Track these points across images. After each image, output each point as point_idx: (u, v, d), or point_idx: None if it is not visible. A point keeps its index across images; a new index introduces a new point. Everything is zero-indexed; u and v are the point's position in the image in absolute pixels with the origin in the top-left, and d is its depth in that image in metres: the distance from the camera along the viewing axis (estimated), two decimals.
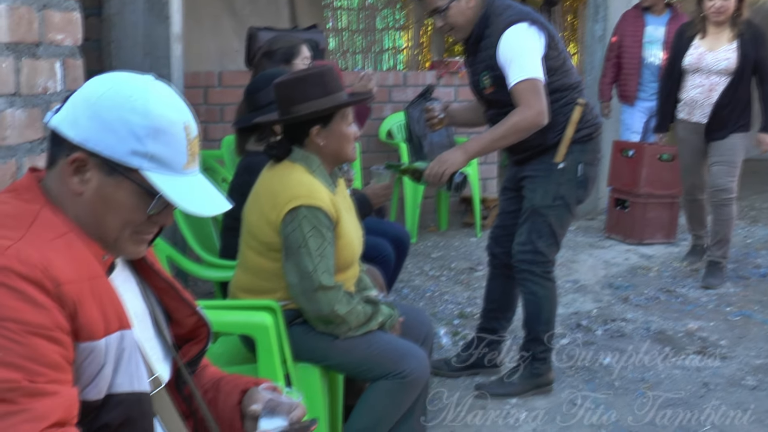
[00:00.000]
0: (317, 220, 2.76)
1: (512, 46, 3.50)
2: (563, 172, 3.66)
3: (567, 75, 3.65)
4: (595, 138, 3.72)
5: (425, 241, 6.52)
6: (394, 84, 6.98)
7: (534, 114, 3.47)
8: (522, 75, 3.47)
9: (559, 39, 3.69)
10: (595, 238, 6.70)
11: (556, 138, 3.63)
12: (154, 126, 1.53)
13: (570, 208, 3.71)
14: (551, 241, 3.72)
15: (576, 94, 3.67)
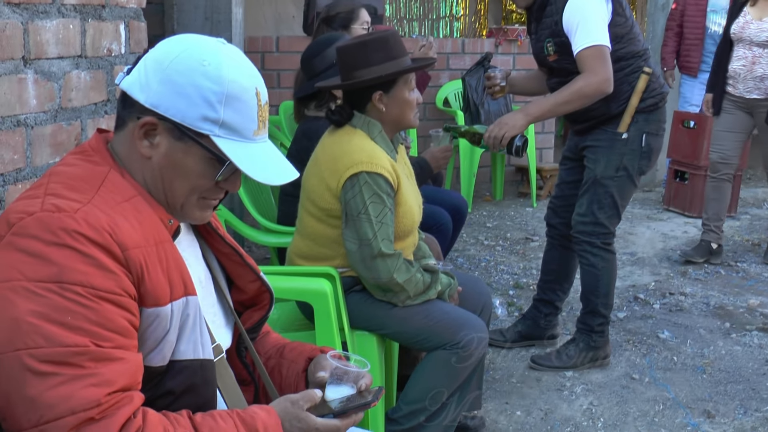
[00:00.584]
0: (378, 187, 2.73)
1: (577, 12, 3.43)
2: (627, 143, 3.59)
3: (633, 42, 3.56)
4: (660, 107, 3.64)
5: (480, 210, 6.48)
6: (451, 51, 6.91)
7: (599, 80, 3.40)
8: (588, 41, 3.40)
9: (626, 4, 3.59)
10: (653, 210, 6.60)
11: (620, 107, 3.56)
12: (227, 92, 1.51)
13: (633, 179, 3.64)
14: (612, 213, 3.66)
15: (642, 62, 3.57)
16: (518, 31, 7.16)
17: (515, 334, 4.05)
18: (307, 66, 3.60)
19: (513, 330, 4.08)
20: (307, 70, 3.60)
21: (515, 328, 4.07)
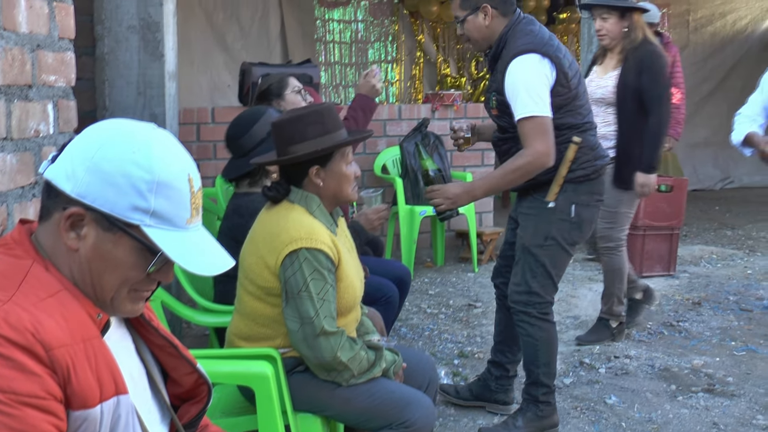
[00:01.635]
0: (319, 263, 2.67)
1: (519, 78, 3.42)
2: (554, 212, 3.56)
3: (572, 115, 3.53)
4: (593, 179, 3.61)
5: (422, 277, 6.43)
6: (388, 118, 6.93)
7: (539, 155, 3.39)
8: (528, 111, 3.39)
9: (575, 74, 3.55)
10: (595, 271, 6.62)
11: (548, 175, 3.52)
12: (158, 180, 1.45)
13: (565, 249, 3.61)
14: (546, 282, 3.62)
15: (576, 133, 3.54)
16: (454, 96, 7.22)
17: (467, 393, 4.03)
18: (235, 146, 3.53)
19: (466, 388, 4.04)
20: (235, 150, 3.53)
21: (468, 387, 4.04)
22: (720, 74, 11.52)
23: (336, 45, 10.58)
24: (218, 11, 9.43)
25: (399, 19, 10.72)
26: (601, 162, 3.64)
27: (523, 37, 3.48)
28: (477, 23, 3.57)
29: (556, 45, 3.51)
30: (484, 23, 3.55)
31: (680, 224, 6.50)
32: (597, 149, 3.63)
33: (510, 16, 3.56)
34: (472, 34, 3.61)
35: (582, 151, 3.54)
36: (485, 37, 3.59)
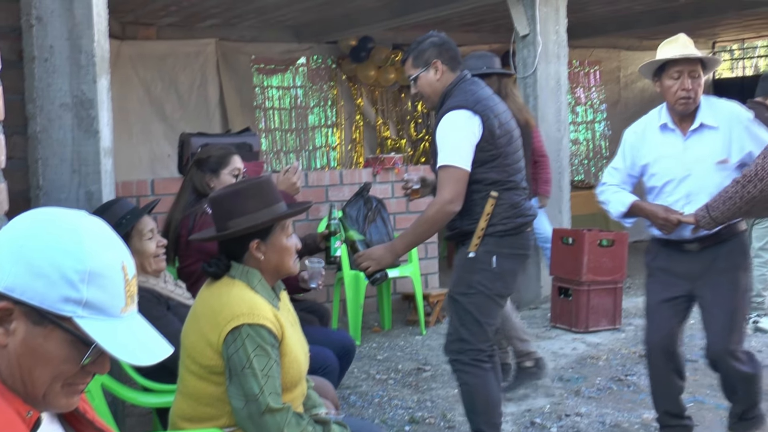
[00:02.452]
0: (262, 339, 2.63)
1: (446, 131, 3.62)
2: (475, 262, 3.67)
3: (496, 171, 3.65)
4: (515, 234, 3.70)
5: (370, 342, 6.38)
6: (330, 183, 6.93)
7: (444, 202, 3.57)
8: (445, 161, 3.58)
9: (505, 134, 3.68)
10: (541, 328, 6.64)
11: (470, 226, 3.67)
12: (90, 270, 1.41)
13: (491, 298, 3.68)
14: (476, 329, 3.69)
15: (498, 189, 3.65)
16: (394, 159, 7.26)
17: None
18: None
19: None
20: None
21: None
22: None
23: (275, 111, 10.63)
24: (156, 82, 9.43)
25: (337, 84, 10.82)
26: (523, 219, 3.73)
27: (462, 94, 3.67)
28: (429, 79, 3.76)
29: (491, 105, 3.66)
30: (435, 78, 3.75)
31: (623, 277, 6.58)
32: (520, 207, 3.73)
33: (457, 72, 3.77)
34: (425, 90, 3.80)
35: (502, 207, 3.65)
36: (437, 91, 3.77)
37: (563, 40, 7.43)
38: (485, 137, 3.60)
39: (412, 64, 3.81)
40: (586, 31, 10.83)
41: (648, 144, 3.87)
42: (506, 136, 3.68)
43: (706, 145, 3.72)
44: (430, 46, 3.77)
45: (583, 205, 8.52)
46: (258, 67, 10.35)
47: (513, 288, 3.81)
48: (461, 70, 3.79)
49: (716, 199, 3.55)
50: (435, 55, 3.74)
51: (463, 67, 3.82)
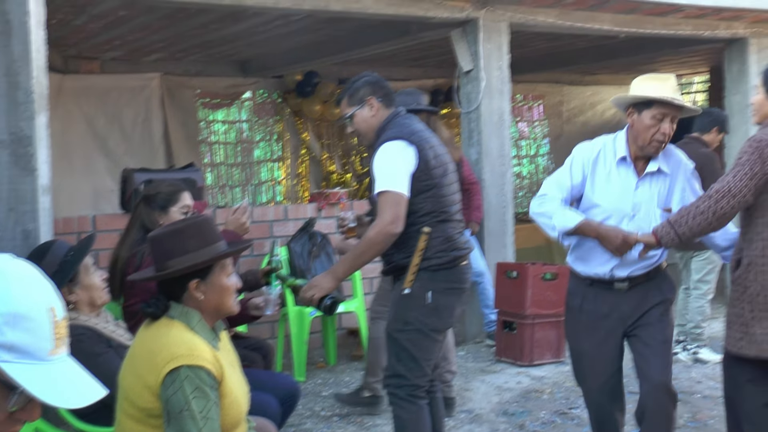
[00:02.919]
0: (201, 380, 2.60)
1: (383, 159, 3.67)
2: (410, 298, 3.68)
3: (432, 201, 3.68)
4: (449, 268, 3.71)
5: (314, 378, 6.34)
6: (274, 218, 6.91)
7: (385, 224, 3.58)
8: (383, 186, 3.62)
9: (440, 166, 3.73)
10: (486, 362, 6.66)
11: (405, 260, 3.69)
12: (14, 312, 1.38)
13: (425, 333, 3.69)
14: (412, 365, 3.70)
15: (432, 220, 3.68)
16: (339, 194, 7.27)
17: None
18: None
19: None
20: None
21: None
22: None
23: (221, 145, 10.60)
24: (99, 116, 9.35)
25: (283, 118, 10.83)
26: (458, 253, 3.75)
27: (397, 127, 3.75)
28: (364, 115, 3.84)
29: (426, 137, 3.75)
30: (371, 114, 3.83)
31: None
32: (454, 241, 3.75)
33: (392, 109, 3.85)
34: (361, 127, 3.87)
35: (437, 240, 3.68)
36: (372, 127, 3.84)
37: (506, 75, 7.52)
38: (421, 167, 3.66)
39: (347, 103, 3.90)
40: (529, 67, 11.01)
41: (600, 173, 3.73)
42: (441, 167, 3.75)
43: (657, 190, 3.70)
44: (364, 85, 3.87)
45: (528, 238, 8.59)
46: (203, 101, 10.33)
47: (450, 323, 3.82)
48: (395, 106, 3.87)
49: (683, 215, 3.48)
50: (369, 92, 3.84)
51: (397, 103, 3.90)
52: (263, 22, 7.75)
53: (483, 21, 7.26)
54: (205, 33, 8.28)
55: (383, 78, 3.95)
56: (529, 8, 7.47)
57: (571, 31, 8.09)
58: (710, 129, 6.46)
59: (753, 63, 8.71)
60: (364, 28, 8.29)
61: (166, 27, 7.89)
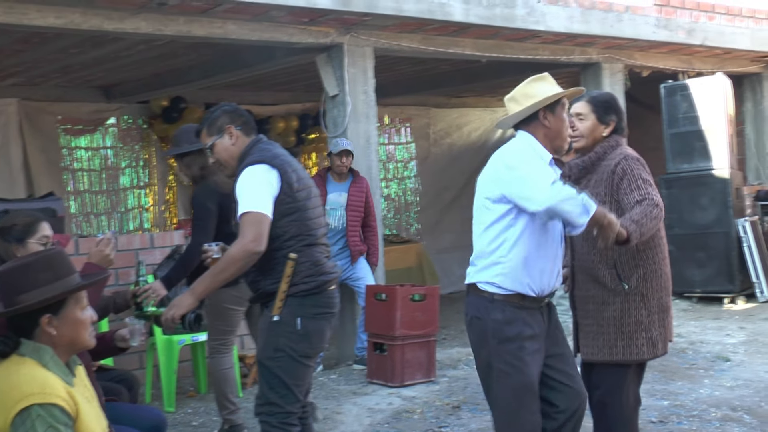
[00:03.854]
0: (54, 418, 2.52)
1: (245, 182, 3.69)
2: (279, 325, 3.69)
3: (297, 224, 3.71)
4: (317, 293, 3.74)
5: (184, 407, 6.22)
6: (140, 247, 6.78)
7: (246, 241, 3.58)
8: (246, 207, 3.62)
9: (303, 188, 3.76)
10: (358, 384, 6.68)
11: (272, 287, 3.69)
12: None
13: (296, 360, 3.70)
14: (285, 392, 3.70)
15: (299, 244, 3.69)
16: None
17: None
18: None
19: None
20: None
21: None
22: (461, 182, 12.23)
23: (84, 173, 10.31)
24: None
25: (150, 144, 10.63)
26: (326, 277, 3.77)
27: (257, 153, 3.79)
28: (224, 144, 3.86)
29: (288, 161, 3.80)
30: (231, 143, 3.86)
31: (436, 330, 6.73)
32: (321, 265, 3.77)
33: (252, 136, 3.89)
34: (221, 156, 3.88)
35: (304, 265, 3.69)
36: (233, 156, 3.86)
37: (372, 99, 7.62)
38: (284, 190, 3.69)
39: (206, 133, 3.91)
40: (396, 90, 11.17)
41: None
42: (305, 190, 3.78)
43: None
44: (222, 114, 3.90)
45: (397, 259, 8.70)
46: (65, 127, 10.03)
47: (321, 347, 3.83)
48: (255, 134, 3.91)
49: (642, 217, 3.62)
50: (228, 121, 3.87)
51: (256, 132, 3.94)
52: (125, 46, 7.62)
53: (347, 46, 7.34)
54: (65, 57, 8.07)
55: (241, 107, 3.99)
56: (392, 33, 7.60)
57: (435, 55, 8.29)
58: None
59: (606, 86, 9.11)
60: (230, 53, 8.25)
61: (22, 51, 7.66)
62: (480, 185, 3.64)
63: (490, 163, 3.65)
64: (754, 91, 11.23)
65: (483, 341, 3.55)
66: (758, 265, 9.33)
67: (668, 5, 8.92)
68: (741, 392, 5.90)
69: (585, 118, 3.98)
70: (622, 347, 3.83)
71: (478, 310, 3.55)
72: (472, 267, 3.63)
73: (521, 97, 3.65)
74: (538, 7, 7.82)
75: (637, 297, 3.82)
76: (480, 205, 3.61)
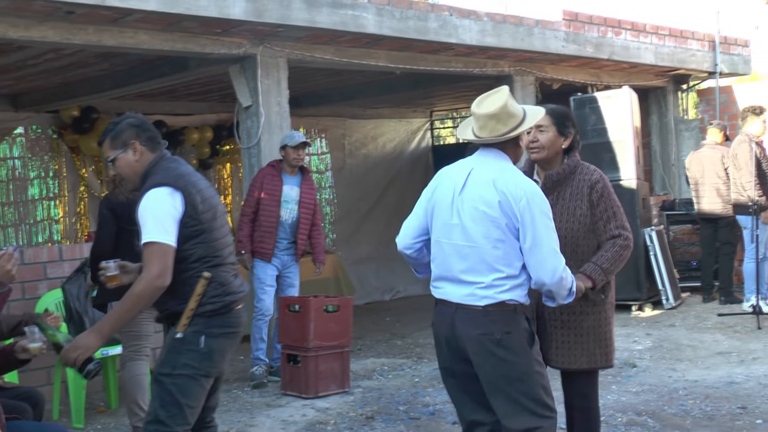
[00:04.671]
0: None
1: (148, 207, 3.59)
2: (183, 343, 3.63)
3: (203, 246, 3.65)
4: (224, 313, 3.69)
5: (94, 424, 6.10)
6: (48, 260, 6.63)
7: (152, 278, 3.51)
8: (150, 237, 3.54)
9: (209, 209, 3.69)
10: (272, 396, 6.66)
11: (180, 307, 3.63)
12: None
13: (196, 379, 3.65)
14: (175, 412, 3.62)
15: (206, 266, 3.65)
16: None
17: None
18: None
19: None
20: None
21: None
22: (376, 192, 12.30)
23: None
24: None
25: (60, 155, 10.42)
26: (232, 297, 3.72)
27: (161, 172, 3.69)
28: (127, 160, 3.75)
29: (192, 181, 3.70)
30: (134, 158, 3.75)
31: (349, 341, 6.75)
32: (228, 285, 3.72)
33: (157, 152, 3.78)
34: (124, 171, 3.79)
35: (211, 286, 3.65)
36: (136, 172, 3.76)
37: (286, 110, 7.63)
38: (188, 212, 3.60)
39: (109, 145, 3.79)
40: (311, 101, 11.20)
41: None
42: (210, 211, 3.70)
43: None
44: (128, 128, 3.77)
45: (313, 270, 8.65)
46: None
47: (221, 367, 3.79)
48: (161, 149, 3.80)
49: (610, 263, 3.84)
50: (133, 136, 3.75)
51: (162, 147, 3.82)
52: (33, 55, 7.47)
53: (261, 57, 7.34)
54: None
55: (147, 120, 3.87)
56: (306, 45, 7.63)
57: (349, 67, 8.33)
58: None
59: (519, 98, 9.22)
60: (142, 62, 8.16)
61: None
62: (481, 205, 3.55)
63: (490, 185, 3.55)
64: (659, 105, 11.60)
65: (522, 350, 3.58)
66: (664, 274, 9.61)
67: (576, 20, 9.16)
68: (646, 397, 6.07)
69: (546, 130, 4.02)
70: (599, 354, 4.02)
71: (507, 325, 3.55)
72: (490, 288, 3.54)
73: (505, 116, 3.61)
74: (450, 20, 7.93)
75: (609, 306, 4.07)
76: (487, 223, 3.53)
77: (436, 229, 3.69)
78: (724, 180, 9.44)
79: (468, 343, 3.56)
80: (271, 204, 7.10)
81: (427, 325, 9.54)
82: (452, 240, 3.60)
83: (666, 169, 11.48)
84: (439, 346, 3.73)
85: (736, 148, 9.03)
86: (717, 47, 10.97)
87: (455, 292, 3.60)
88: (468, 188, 3.60)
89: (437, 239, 3.69)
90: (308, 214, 7.28)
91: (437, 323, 3.70)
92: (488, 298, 3.52)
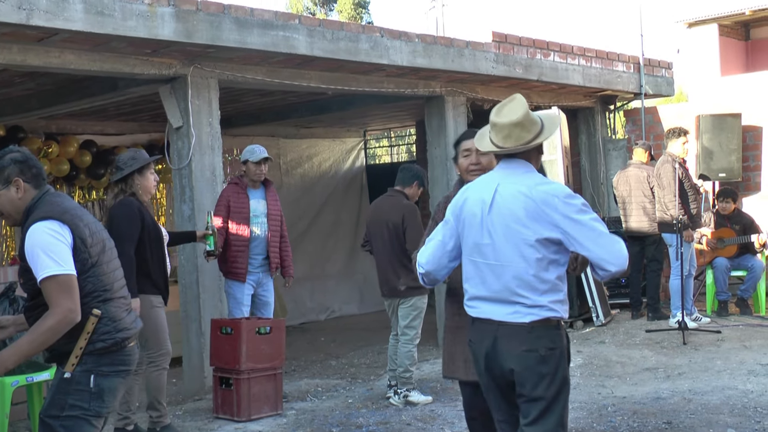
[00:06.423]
0: None
1: (37, 242, 3.48)
2: (71, 383, 3.53)
3: (93, 280, 3.56)
4: (115, 351, 3.60)
5: None
6: None
7: (67, 312, 3.42)
8: (49, 271, 3.44)
9: (98, 243, 3.61)
10: (204, 420, 6.59)
11: (68, 346, 3.52)
12: None
13: (86, 419, 3.54)
14: None
15: (96, 301, 3.56)
16: None
17: None
18: None
19: None
20: None
21: None
22: (312, 211, 12.29)
23: None
24: None
25: None
26: (124, 334, 3.63)
27: (47, 206, 3.59)
28: (10, 196, 3.64)
29: (79, 215, 3.62)
30: (17, 196, 3.63)
31: (282, 363, 6.71)
32: (119, 321, 3.63)
33: (41, 189, 3.68)
34: (5, 207, 3.67)
35: (102, 322, 3.56)
36: (19, 209, 3.66)
37: (217, 131, 7.59)
38: (77, 246, 3.52)
39: None
40: (245, 121, 11.16)
41: None
42: (99, 244, 3.62)
43: None
44: (11, 163, 3.63)
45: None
46: None
47: (113, 406, 3.68)
48: (44, 186, 3.68)
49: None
50: (16, 173, 3.63)
51: (45, 183, 3.71)
52: None
53: (191, 78, 7.29)
54: None
55: (33, 156, 3.72)
56: (237, 65, 7.60)
57: (281, 87, 8.33)
58: (411, 183, 6.92)
59: (450, 119, 9.40)
60: (71, 82, 8.05)
61: None
62: (513, 223, 3.57)
63: (520, 198, 3.57)
64: (588, 124, 11.82)
65: (559, 366, 3.63)
66: (594, 291, 9.77)
67: (506, 42, 9.30)
68: (576, 414, 6.16)
69: (487, 153, 4.06)
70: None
71: (553, 341, 3.61)
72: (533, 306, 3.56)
73: (529, 123, 3.64)
74: (381, 41, 7.99)
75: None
76: (520, 241, 3.55)
77: (468, 249, 3.70)
78: (650, 199, 9.65)
79: (510, 359, 3.59)
80: (240, 221, 7.08)
81: (362, 344, 9.62)
82: (486, 260, 3.62)
83: (595, 187, 11.69)
84: (477, 363, 3.74)
85: (660, 168, 9.27)
86: (642, 69, 11.24)
87: (496, 311, 3.61)
88: (496, 205, 3.61)
89: (471, 259, 3.70)
90: (276, 226, 7.31)
91: (476, 341, 3.70)
92: (533, 315, 3.56)
